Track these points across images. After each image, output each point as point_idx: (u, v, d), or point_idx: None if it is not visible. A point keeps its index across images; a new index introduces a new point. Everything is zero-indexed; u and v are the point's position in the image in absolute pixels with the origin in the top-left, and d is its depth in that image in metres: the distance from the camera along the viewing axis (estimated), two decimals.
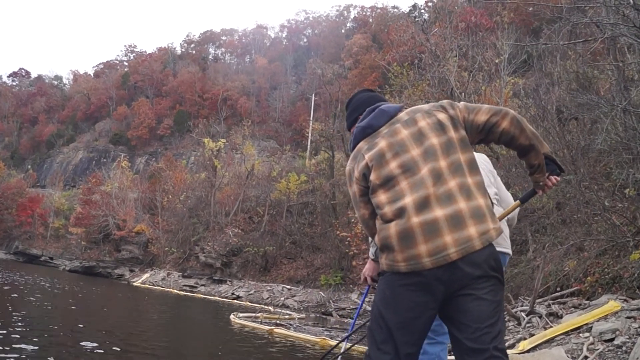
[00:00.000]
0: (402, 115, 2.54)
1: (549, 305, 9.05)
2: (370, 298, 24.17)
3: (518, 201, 3.05)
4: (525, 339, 7.66)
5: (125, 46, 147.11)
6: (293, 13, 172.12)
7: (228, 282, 33.79)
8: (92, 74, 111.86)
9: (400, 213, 2.28)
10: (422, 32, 20.00)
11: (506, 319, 9.43)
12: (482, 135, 2.49)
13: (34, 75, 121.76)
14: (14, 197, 61.98)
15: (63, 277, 33.15)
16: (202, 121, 58.01)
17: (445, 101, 2.58)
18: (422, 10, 59.02)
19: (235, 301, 28.74)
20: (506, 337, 8.14)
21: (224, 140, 46.64)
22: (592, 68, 11.79)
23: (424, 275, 2.22)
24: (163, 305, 21.12)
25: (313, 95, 62.56)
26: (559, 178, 2.65)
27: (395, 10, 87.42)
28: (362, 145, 2.54)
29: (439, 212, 2.23)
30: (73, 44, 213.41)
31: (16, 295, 15.17)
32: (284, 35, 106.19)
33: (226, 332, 12.80)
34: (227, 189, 44.28)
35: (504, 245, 3.41)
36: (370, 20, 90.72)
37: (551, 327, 7.73)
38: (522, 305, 9.78)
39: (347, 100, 2.95)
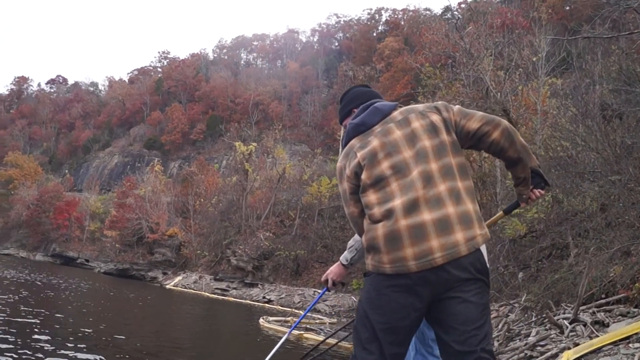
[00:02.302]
0: (396, 114, 2.52)
1: (594, 312, 8.56)
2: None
3: (502, 212, 3.04)
4: (569, 348, 7.23)
5: (158, 52, 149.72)
6: (324, 17, 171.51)
7: (259, 286, 33.69)
8: (126, 80, 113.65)
9: (389, 214, 2.27)
10: (455, 31, 19.55)
11: (547, 327, 8.99)
12: (471, 142, 2.48)
13: (71, 82, 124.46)
14: (51, 201, 63.28)
15: (98, 280, 33.43)
16: (234, 125, 58.15)
17: (440, 103, 2.56)
18: (456, 12, 58.40)
19: (267, 305, 28.60)
20: (549, 346, 7.72)
21: (255, 144, 46.61)
22: (637, 63, 11.27)
23: (409, 278, 2.22)
24: (194, 308, 21.05)
25: None
26: (543, 192, 2.64)
27: (428, 12, 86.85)
28: (354, 142, 2.52)
29: (427, 216, 2.23)
30: (108, 51, 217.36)
31: (49, 298, 15.19)
32: (315, 40, 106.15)
33: (255, 336, 12.61)
34: (259, 192, 44.26)
35: None
36: (402, 22, 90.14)
37: (597, 336, 7.28)
38: (564, 313, 9.31)
39: (341, 94, 2.92)
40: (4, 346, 6.52)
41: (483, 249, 3.37)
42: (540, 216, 12.71)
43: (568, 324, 8.51)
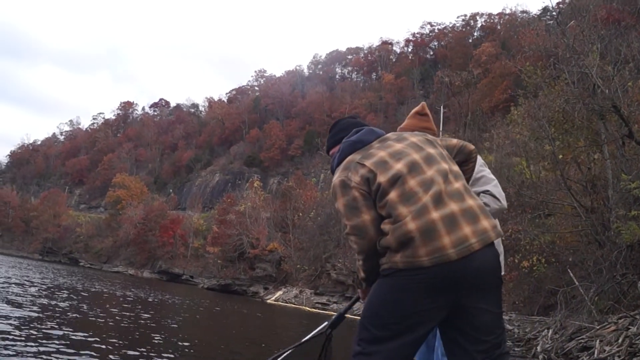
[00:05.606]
0: (390, 135, 2.63)
1: None
2: None
3: None
4: None
5: (255, 72, 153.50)
6: (417, 26, 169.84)
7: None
8: (225, 100, 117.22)
9: (419, 208, 2.28)
10: (556, 25, 18.45)
11: None
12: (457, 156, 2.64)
13: (172, 104, 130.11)
14: (157, 220, 66.15)
15: (203, 296, 34.19)
16: None
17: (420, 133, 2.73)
18: (554, 13, 56.09)
19: None
20: None
21: None
22: None
23: (444, 269, 2.20)
24: (298, 322, 21.02)
25: (442, 107, 60.98)
26: None
27: (525, 14, 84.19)
28: (354, 156, 2.52)
29: (454, 207, 2.29)
30: (207, 72, 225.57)
31: (170, 315, 15.49)
32: (409, 50, 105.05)
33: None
34: None
35: None
36: (499, 27, 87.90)
37: None
38: None
39: (331, 125, 3.04)
40: None
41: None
42: None
43: None
